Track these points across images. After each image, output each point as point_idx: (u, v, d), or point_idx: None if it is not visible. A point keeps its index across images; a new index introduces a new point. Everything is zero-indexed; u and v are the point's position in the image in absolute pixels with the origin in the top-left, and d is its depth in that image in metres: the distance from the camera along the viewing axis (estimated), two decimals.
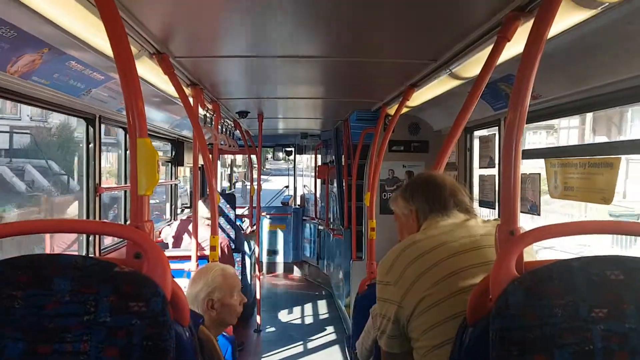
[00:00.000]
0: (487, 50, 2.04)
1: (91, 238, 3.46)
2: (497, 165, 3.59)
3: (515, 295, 1.16)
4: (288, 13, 2.06)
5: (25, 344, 1.10)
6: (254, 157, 7.15)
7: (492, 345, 1.17)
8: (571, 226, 1.27)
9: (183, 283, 2.46)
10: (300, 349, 5.36)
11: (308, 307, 6.81)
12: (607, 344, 1.14)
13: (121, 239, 4.21)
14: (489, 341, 1.19)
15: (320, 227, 8.24)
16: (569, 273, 1.17)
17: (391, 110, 4.03)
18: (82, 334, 1.11)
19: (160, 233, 5.11)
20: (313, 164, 9.91)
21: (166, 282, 1.19)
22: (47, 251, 5.07)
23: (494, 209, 3.60)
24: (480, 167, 3.91)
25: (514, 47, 1.93)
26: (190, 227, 4.49)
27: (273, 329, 6.00)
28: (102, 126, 3.56)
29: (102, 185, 3.52)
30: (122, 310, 1.12)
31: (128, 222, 4.29)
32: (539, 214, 3.05)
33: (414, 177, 1.98)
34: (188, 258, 3.49)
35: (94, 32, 2.04)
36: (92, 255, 3.44)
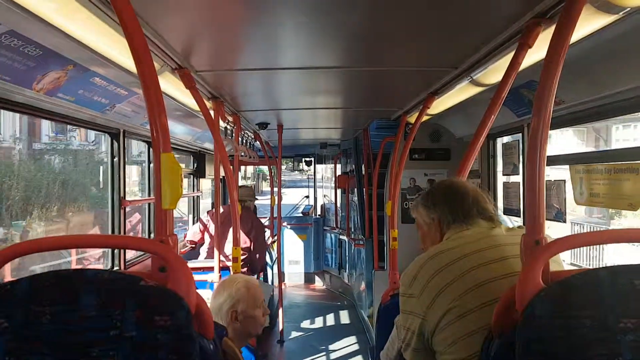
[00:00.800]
0: (509, 57, 2.03)
1: (116, 251, 3.51)
2: (521, 172, 3.54)
3: (541, 306, 1.14)
4: (305, 25, 2.08)
5: (53, 359, 1.11)
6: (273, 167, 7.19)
7: (518, 356, 1.14)
8: (597, 235, 1.25)
9: (206, 294, 2.47)
10: (323, 359, 5.33)
11: (330, 318, 6.78)
12: (636, 355, 1.11)
13: (141, 256, 4.27)
14: (514, 353, 1.17)
15: (342, 237, 8.21)
16: (596, 283, 1.15)
17: (411, 119, 4.01)
18: (109, 349, 1.12)
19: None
20: (329, 175, 9.91)
21: (190, 295, 1.20)
22: (73, 265, 5.16)
23: (519, 216, 3.55)
24: (503, 174, 3.86)
25: (536, 53, 1.91)
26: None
27: (296, 339, 5.98)
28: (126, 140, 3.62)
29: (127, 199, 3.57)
30: (147, 324, 1.13)
31: (152, 236, 4.35)
32: (564, 221, 3.00)
33: (435, 184, 1.93)
34: (211, 269, 3.51)
35: (117, 49, 2.08)
36: (118, 269, 3.48)
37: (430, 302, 1.57)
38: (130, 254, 3.89)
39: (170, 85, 2.71)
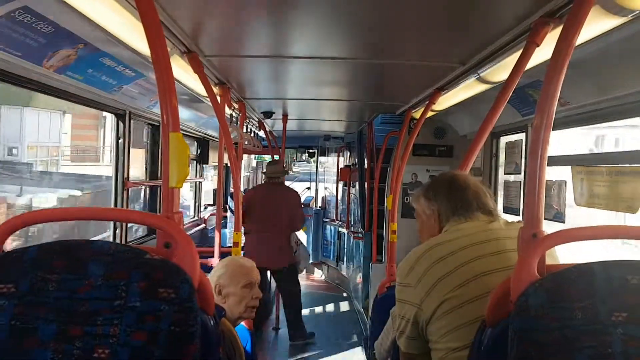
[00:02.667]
0: (516, 55, 2.04)
1: (117, 231, 3.54)
2: (522, 172, 3.56)
3: (536, 297, 1.17)
4: (315, 14, 2.09)
5: (58, 325, 1.15)
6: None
7: (510, 345, 1.17)
8: (595, 230, 1.27)
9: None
10: (319, 348, 5.38)
11: (326, 308, 6.82)
12: (626, 348, 1.14)
13: (145, 235, 4.30)
14: (507, 343, 1.20)
15: (341, 229, 8.25)
16: (591, 276, 1.17)
17: (416, 114, 4.03)
18: (113, 317, 1.15)
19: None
20: (330, 166, 9.91)
21: (194, 271, 1.23)
22: None
23: (518, 215, 3.57)
24: (505, 173, 3.88)
25: (543, 52, 1.93)
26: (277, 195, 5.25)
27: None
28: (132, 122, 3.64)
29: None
30: (151, 296, 1.16)
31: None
32: (563, 222, 3.02)
33: (438, 177, 1.95)
34: (211, 254, 3.54)
35: (128, 30, 2.10)
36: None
37: (426, 292, 1.59)
38: (130, 237, 3.92)
39: (178, 69, 2.73)
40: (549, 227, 1.35)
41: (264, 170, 5.52)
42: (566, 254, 1.58)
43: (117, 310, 1.15)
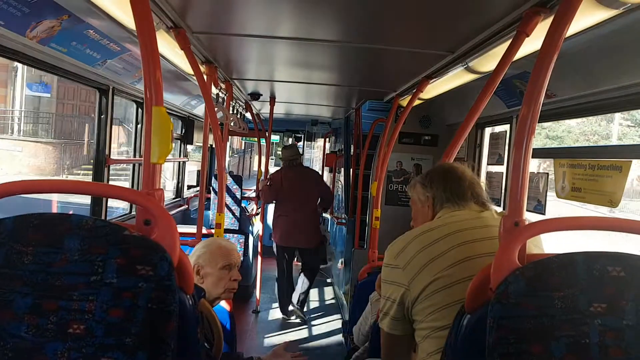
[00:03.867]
0: (505, 45, 2.04)
1: (96, 209, 3.49)
2: (505, 163, 3.58)
3: (516, 284, 1.17)
4: None
5: (33, 298, 1.13)
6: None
7: (488, 331, 1.18)
8: (577, 220, 1.28)
9: None
10: (298, 333, 5.41)
11: (309, 292, 6.86)
12: (603, 338, 1.15)
13: (124, 215, 4.26)
14: (485, 329, 1.20)
15: (324, 215, 8.25)
16: (571, 266, 1.18)
17: (404, 102, 4.03)
18: (89, 293, 1.13)
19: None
20: (317, 153, 9.86)
21: (174, 249, 1.22)
22: None
23: (500, 206, 3.60)
24: (488, 164, 3.91)
25: (532, 43, 1.92)
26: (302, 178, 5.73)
27: (270, 311, 6.05)
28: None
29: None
30: (129, 272, 1.15)
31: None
32: (544, 214, 3.05)
33: (435, 166, 2.02)
34: (193, 235, 3.51)
35: (115, 1, 2.05)
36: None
37: (414, 274, 1.62)
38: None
39: (164, 45, 2.67)
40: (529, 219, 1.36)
41: (281, 156, 5.95)
42: (554, 248, 1.59)
43: (93, 285, 1.14)
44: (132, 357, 1.12)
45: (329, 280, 7.59)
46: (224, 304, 2.58)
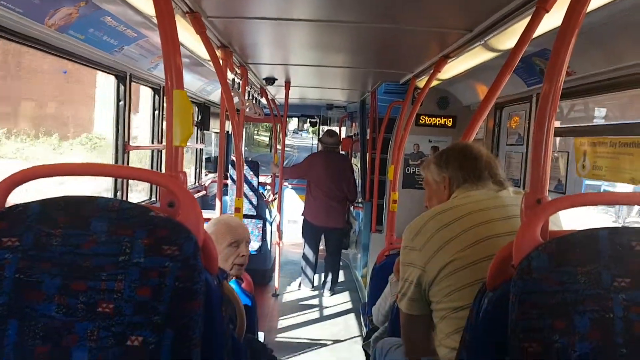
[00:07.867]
0: (524, 22, 2.01)
1: (118, 194, 3.54)
2: (524, 143, 3.55)
3: (538, 260, 1.17)
4: None
5: (62, 280, 1.15)
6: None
7: (511, 308, 1.18)
8: (600, 196, 1.27)
9: None
10: (316, 314, 5.46)
11: (324, 276, 6.90)
12: (627, 313, 1.15)
13: (143, 201, 4.31)
14: (507, 307, 1.21)
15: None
16: (594, 241, 1.18)
17: (420, 83, 3.99)
18: (117, 273, 1.16)
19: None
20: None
21: (199, 229, 1.23)
22: None
23: (519, 187, 3.57)
24: (508, 144, 3.87)
25: (552, 19, 1.89)
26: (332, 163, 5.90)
27: (290, 294, 6.11)
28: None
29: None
30: (155, 252, 1.17)
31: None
32: (564, 193, 3.03)
33: (450, 146, 1.97)
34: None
35: None
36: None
37: (431, 255, 1.62)
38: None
39: (181, 29, 2.67)
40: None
41: (322, 140, 6.17)
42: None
43: (121, 266, 1.16)
44: (160, 335, 1.14)
45: (342, 263, 7.63)
46: (245, 286, 2.61)
